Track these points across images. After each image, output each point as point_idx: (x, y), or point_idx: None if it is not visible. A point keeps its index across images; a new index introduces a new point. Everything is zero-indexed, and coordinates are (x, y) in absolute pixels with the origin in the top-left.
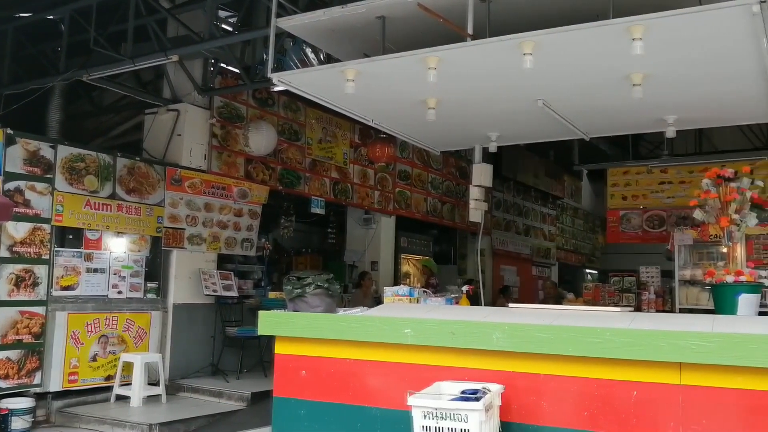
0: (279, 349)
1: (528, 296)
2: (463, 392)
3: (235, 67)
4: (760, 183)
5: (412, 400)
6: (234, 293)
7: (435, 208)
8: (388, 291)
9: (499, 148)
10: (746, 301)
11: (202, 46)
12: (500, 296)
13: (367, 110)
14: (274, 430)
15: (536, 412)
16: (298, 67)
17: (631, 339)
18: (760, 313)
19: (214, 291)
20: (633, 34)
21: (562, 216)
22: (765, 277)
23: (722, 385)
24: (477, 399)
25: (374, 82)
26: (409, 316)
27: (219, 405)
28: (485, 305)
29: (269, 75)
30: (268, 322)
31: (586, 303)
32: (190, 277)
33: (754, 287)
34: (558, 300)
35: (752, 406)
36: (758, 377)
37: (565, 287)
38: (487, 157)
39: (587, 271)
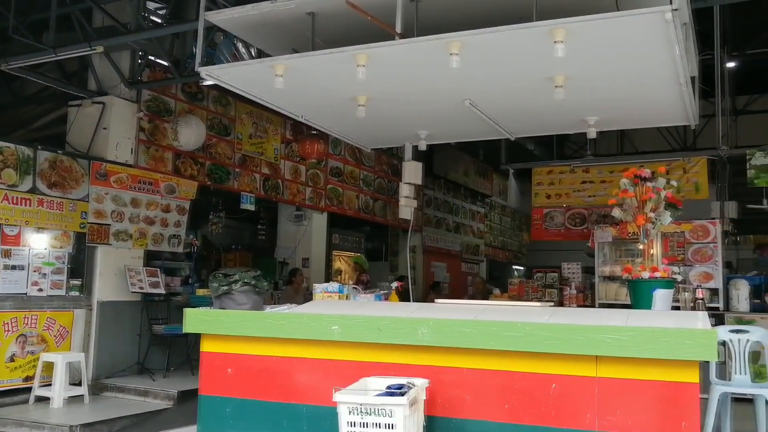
0: (205, 347)
1: (458, 292)
2: (388, 387)
3: (164, 60)
4: (674, 183)
5: (337, 397)
6: (161, 290)
7: (367, 205)
8: (318, 288)
9: (430, 146)
10: (661, 296)
11: (128, 38)
12: (431, 292)
13: (297, 106)
14: (200, 428)
15: (460, 406)
16: (228, 62)
17: (551, 333)
18: (674, 308)
19: (141, 288)
20: (555, 37)
21: (491, 214)
22: (678, 273)
23: (636, 377)
24: (402, 394)
25: (304, 77)
26: (337, 313)
27: (145, 404)
28: (416, 301)
29: (198, 69)
30: (194, 320)
31: (512, 298)
32: (116, 273)
33: (668, 283)
34: (486, 295)
35: (664, 396)
36: (669, 369)
37: (493, 283)
38: (419, 155)
39: (514, 267)
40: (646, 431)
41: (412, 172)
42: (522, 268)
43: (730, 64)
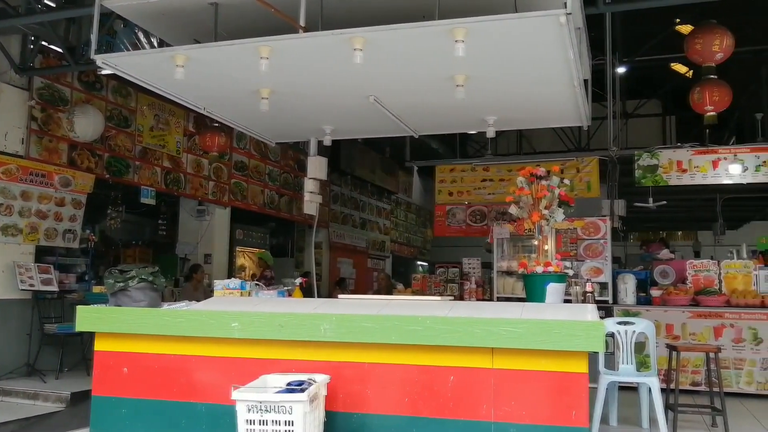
0: (99, 345)
1: (363, 288)
2: (289, 384)
3: (58, 47)
4: (567, 182)
5: (236, 395)
6: (54, 288)
7: (272, 201)
8: (219, 284)
9: (337, 142)
10: (553, 290)
11: (18, 21)
12: (337, 288)
13: (198, 97)
14: (93, 430)
15: (361, 401)
16: (128, 51)
17: (449, 326)
18: (566, 301)
19: (31, 285)
20: (455, 36)
21: (397, 210)
22: (570, 268)
23: (529, 367)
24: (302, 390)
25: (206, 69)
26: (237, 310)
27: (34, 407)
28: (321, 297)
29: (93, 56)
30: (87, 318)
31: (415, 293)
32: (3, 270)
33: (561, 277)
34: (390, 291)
35: (555, 386)
36: (561, 360)
37: (398, 279)
38: (325, 150)
39: (419, 262)
40: (538, 420)
41: (317, 167)
42: (426, 263)
43: (621, 69)
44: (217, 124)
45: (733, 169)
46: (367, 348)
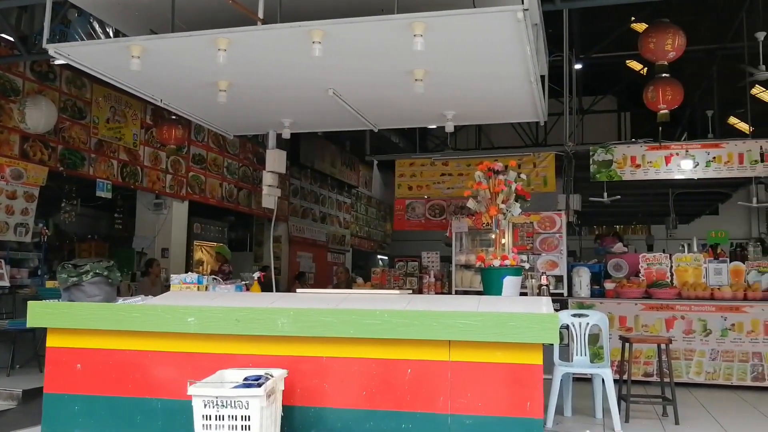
0: (51, 341)
1: (323, 282)
2: (246, 379)
3: (9, 35)
4: (523, 177)
5: (192, 390)
6: (5, 282)
7: (231, 194)
8: (176, 279)
9: (297, 136)
10: (510, 283)
11: None
12: (296, 282)
13: (155, 89)
14: (44, 429)
15: (319, 395)
16: (83, 41)
17: (407, 320)
18: (522, 294)
19: None
20: (414, 31)
21: (357, 204)
22: (526, 261)
23: (485, 360)
24: (259, 385)
25: (163, 60)
26: (193, 304)
27: None
28: (280, 292)
29: (45, 46)
30: (38, 313)
31: (374, 287)
32: None
33: (517, 270)
34: (349, 285)
35: (511, 378)
36: (516, 352)
37: (358, 272)
38: (284, 143)
39: (379, 256)
40: (494, 411)
41: (276, 160)
42: (386, 257)
43: (578, 66)
44: (174, 117)
45: (684, 164)
46: (324, 342)
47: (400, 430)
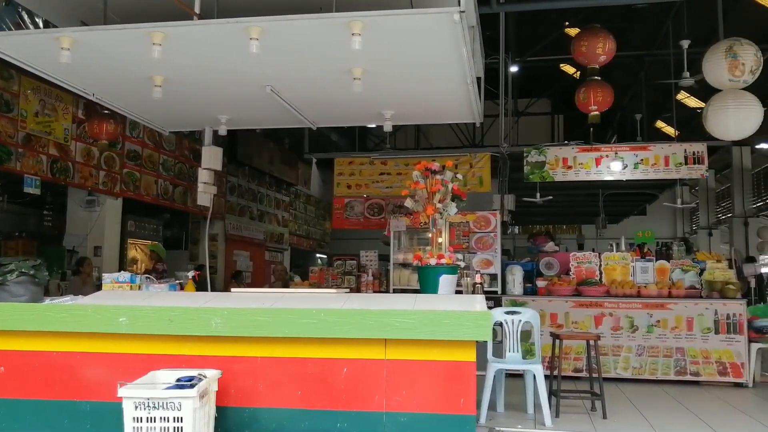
0: None
1: (261, 281)
2: (178, 380)
3: None
4: (459, 176)
5: (122, 392)
6: None
7: (167, 191)
8: (108, 278)
9: (235, 133)
10: (446, 281)
11: None
12: (233, 281)
13: (86, 83)
14: None
15: (253, 395)
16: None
17: (342, 318)
18: (457, 292)
19: None
20: (352, 29)
21: (296, 202)
22: (461, 260)
23: (420, 357)
24: (192, 386)
25: (94, 53)
26: (125, 304)
27: None
28: (216, 291)
29: None
30: None
31: (312, 286)
32: None
33: (453, 269)
34: (287, 284)
35: (445, 375)
36: (450, 349)
37: (297, 271)
38: (221, 140)
39: (318, 255)
40: (428, 409)
41: (212, 157)
42: (325, 256)
43: (513, 69)
44: (107, 111)
45: (614, 166)
46: (259, 342)
47: (336, 429)
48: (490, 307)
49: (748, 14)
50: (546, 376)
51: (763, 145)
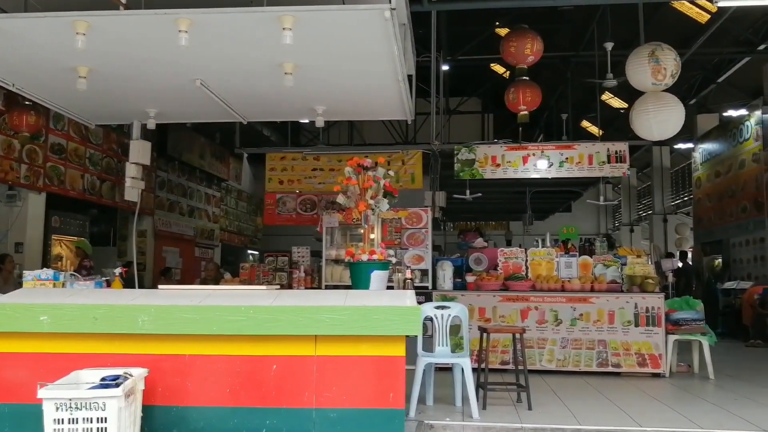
0: None
1: (191, 277)
2: (103, 379)
3: None
4: (391, 173)
5: (42, 392)
6: None
7: (93, 186)
8: (29, 275)
9: (164, 126)
10: (377, 277)
11: None
12: (162, 278)
13: (7, 73)
14: None
15: (181, 393)
16: None
17: (272, 315)
18: (389, 287)
19: None
20: (283, 24)
21: (227, 198)
22: (393, 256)
23: (351, 353)
24: (117, 385)
25: (15, 42)
26: (47, 302)
27: None
28: (145, 288)
29: None
30: None
31: (243, 282)
32: None
33: (384, 264)
34: (217, 280)
35: (374, 370)
36: (380, 344)
37: (228, 268)
38: (150, 134)
39: (249, 251)
40: (358, 404)
41: (140, 151)
42: (257, 252)
43: (445, 67)
44: (29, 102)
45: (540, 164)
46: (187, 339)
47: (265, 427)
48: (420, 302)
49: (667, 19)
50: (474, 369)
51: (682, 146)
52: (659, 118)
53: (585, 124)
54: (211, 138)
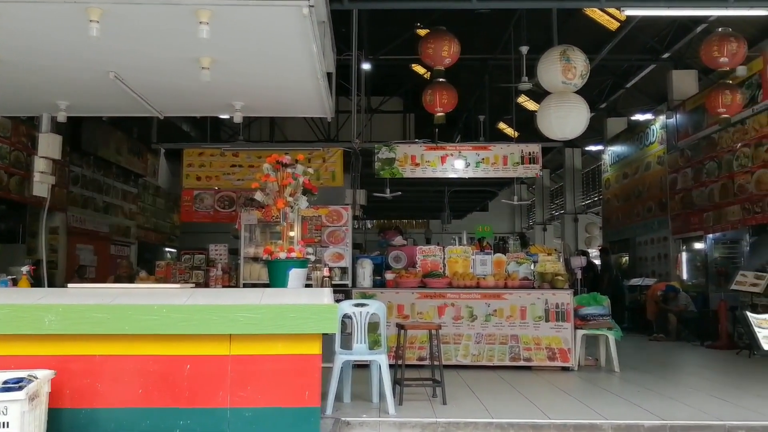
0: None
1: (106, 276)
2: (5, 382)
3: None
4: (310, 170)
5: None
6: None
7: (1, 180)
8: None
9: (79, 120)
10: (295, 275)
11: None
12: (75, 277)
13: None
14: None
15: (91, 395)
16: None
17: (186, 315)
18: (307, 285)
19: None
20: (200, 18)
21: (144, 194)
22: (311, 254)
23: (266, 352)
24: (20, 388)
25: None
26: None
27: None
28: (54, 287)
29: None
30: None
31: (159, 281)
32: None
33: (302, 262)
34: (132, 279)
35: (290, 369)
36: (296, 343)
37: (145, 266)
38: (63, 128)
39: (167, 249)
40: (273, 403)
41: (50, 145)
42: (174, 250)
43: (366, 66)
44: None
45: (457, 164)
46: (98, 340)
47: (179, 427)
48: (339, 300)
49: (580, 26)
50: (392, 366)
51: (592, 148)
52: (559, 115)
53: (502, 126)
54: (128, 133)
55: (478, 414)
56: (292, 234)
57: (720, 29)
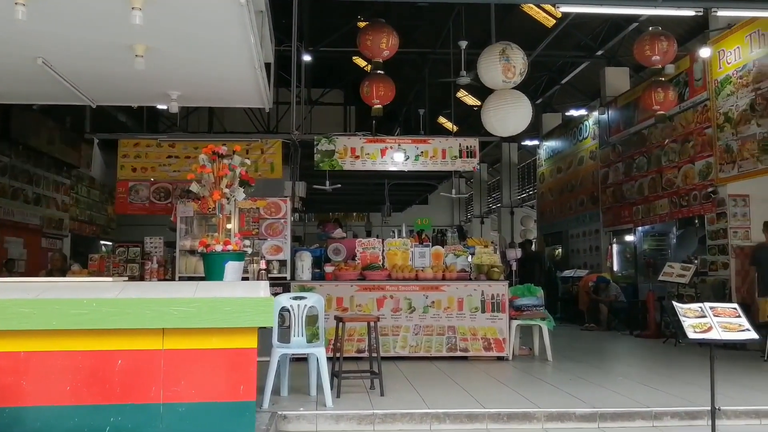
0: None
1: (36, 270)
2: None
3: None
4: (248, 161)
5: None
6: None
7: None
8: None
9: (8, 108)
10: (231, 268)
11: None
12: (3, 270)
13: None
14: None
15: (15, 393)
16: None
17: (117, 309)
18: (244, 278)
19: None
20: (133, 3)
21: (78, 186)
22: (248, 246)
23: (200, 346)
24: None
25: None
26: None
27: None
28: None
29: None
30: None
31: (92, 274)
32: None
33: (239, 255)
34: (64, 272)
35: (225, 363)
36: (231, 337)
37: (78, 259)
38: None
39: (102, 242)
40: (207, 397)
41: None
42: (110, 243)
43: (306, 57)
44: None
45: (397, 157)
46: (23, 335)
47: (109, 424)
48: (277, 293)
49: (518, 23)
50: (330, 358)
51: (528, 142)
52: (499, 116)
53: (441, 120)
54: (61, 122)
55: (416, 405)
56: (229, 226)
57: (651, 28)
